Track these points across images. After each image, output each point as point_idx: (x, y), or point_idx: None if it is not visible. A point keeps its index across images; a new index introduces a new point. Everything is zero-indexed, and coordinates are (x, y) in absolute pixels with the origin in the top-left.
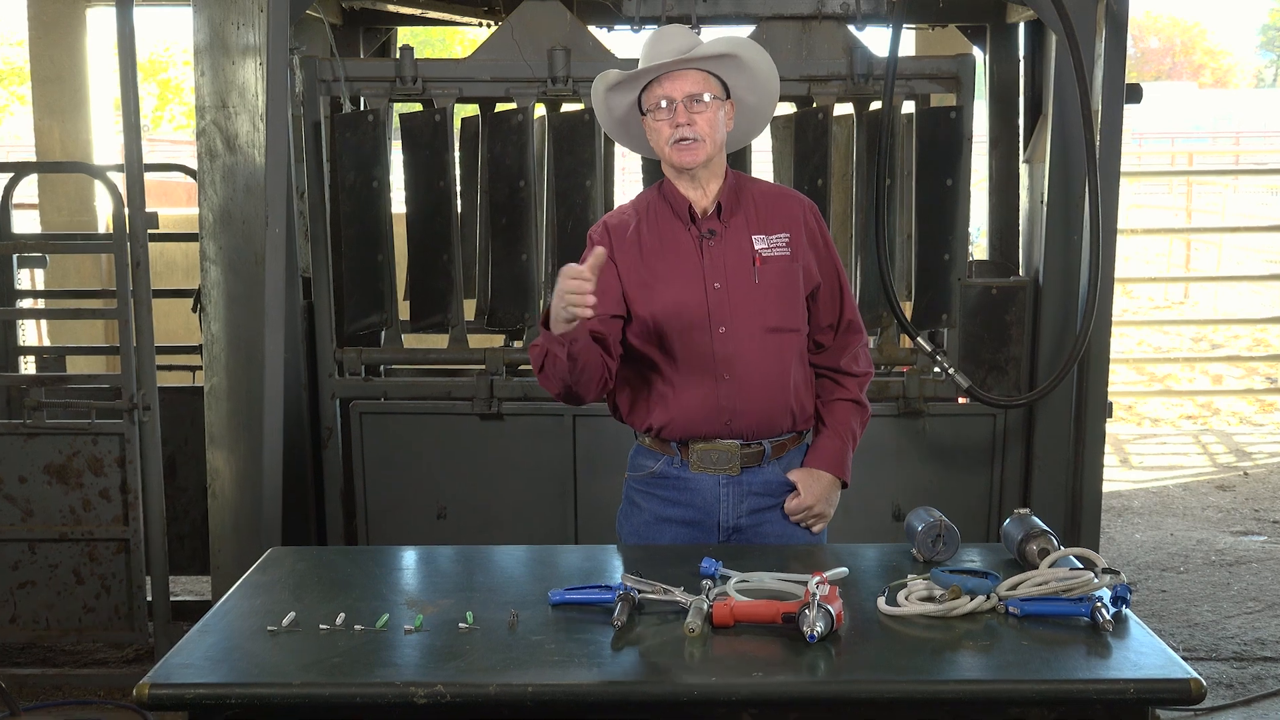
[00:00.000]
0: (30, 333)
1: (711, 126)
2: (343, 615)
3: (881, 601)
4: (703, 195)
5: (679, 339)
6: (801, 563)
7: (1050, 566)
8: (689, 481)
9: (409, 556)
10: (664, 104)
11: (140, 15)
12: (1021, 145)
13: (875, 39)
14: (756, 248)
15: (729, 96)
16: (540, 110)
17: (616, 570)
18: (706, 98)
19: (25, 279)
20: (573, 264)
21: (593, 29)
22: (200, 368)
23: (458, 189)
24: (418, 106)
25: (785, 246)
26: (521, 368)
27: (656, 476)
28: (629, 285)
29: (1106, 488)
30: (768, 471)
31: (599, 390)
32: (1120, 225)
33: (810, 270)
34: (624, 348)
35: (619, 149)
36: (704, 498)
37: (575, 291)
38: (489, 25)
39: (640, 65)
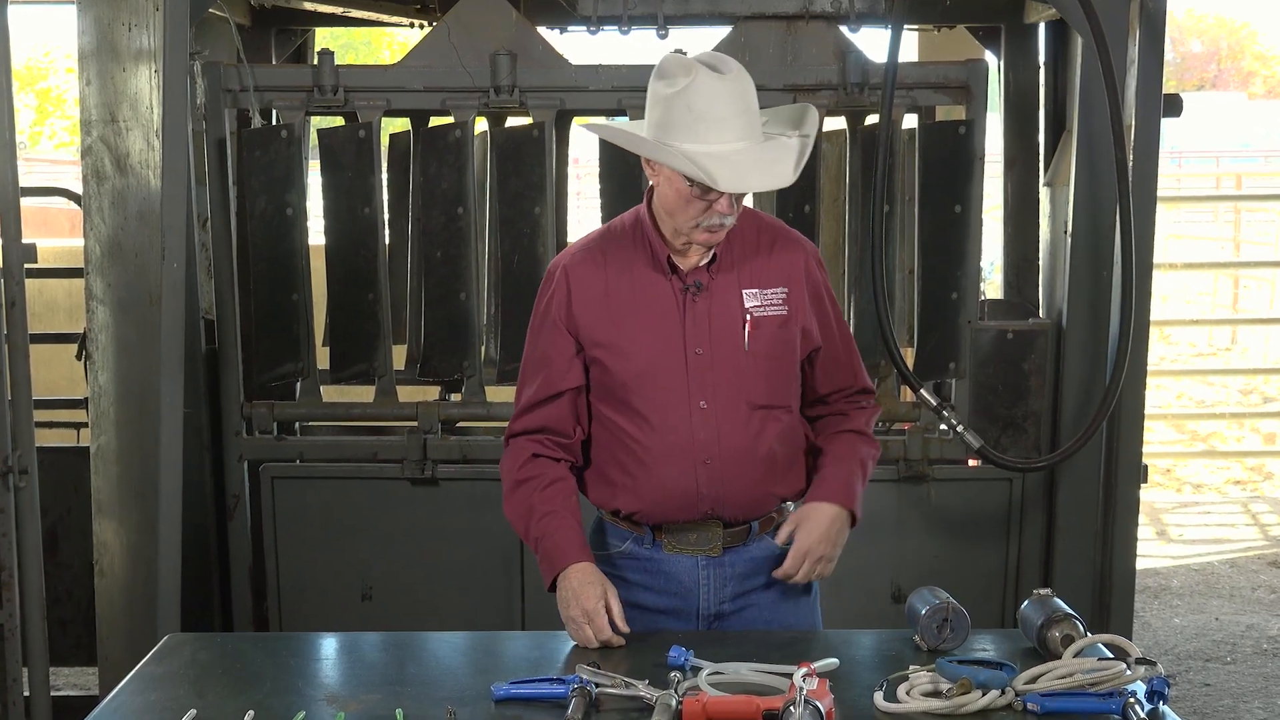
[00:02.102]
0: None
1: (741, 203)
2: (251, 713)
3: (879, 697)
4: (694, 257)
5: (652, 413)
6: (785, 651)
7: (1075, 656)
8: (662, 564)
9: (329, 644)
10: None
11: (15, 14)
12: (1042, 166)
13: (872, 42)
14: (747, 305)
15: None
16: (481, 125)
17: (568, 660)
18: None
19: None
20: (599, 613)
21: (542, 30)
22: (85, 425)
23: (385, 217)
24: (339, 120)
25: (782, 304)
26: (460, 425)
27: (625, 557)
28: (594, 338)
29: (1141, 564)
30: (754, 548)
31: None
32: (1157, 259)
33: (810, 333)
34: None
35: (574, 169)
36: (681, 582)
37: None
38: (422, 26)
39: (667, 126)
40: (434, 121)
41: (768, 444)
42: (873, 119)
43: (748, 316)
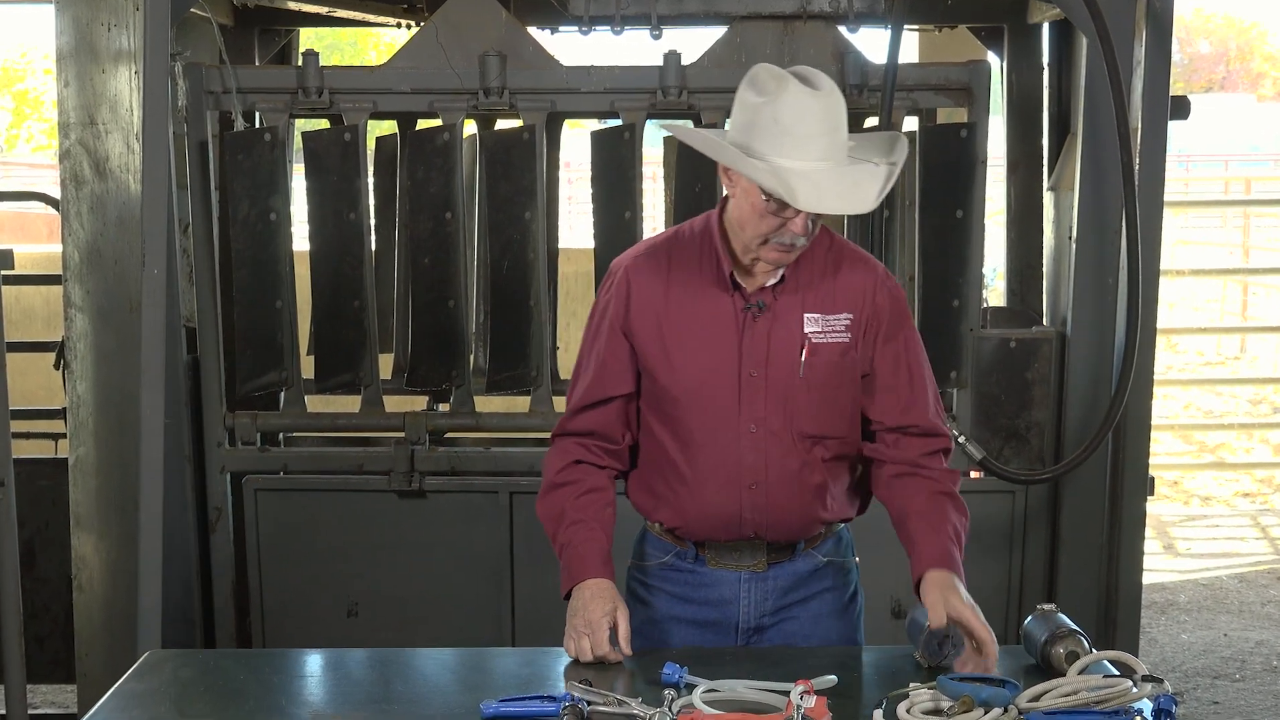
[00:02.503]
0: None
1: (816, 226)
2: None
3: (879, 715)
4: (760, 276)
5: (699, 431)
6: (782, 668)
7: (1080, 673)
8: (704, 577)
9: (314, 661)
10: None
11: None
12: (1046, 170)
13: (870, 42)
14: (808, 330)
15: None
16: (470, 127)
17: (560, 677)
18: None
19: None
20: (601, 628)
21: (533, 31)
22: (64, 435)
23: (371, 222)
24: (324, 123)
25: (844, 331)
26: (448, 436)
27: (666, 568)
28: (648, 348)
29: (1148, 579)
30: (799, 562)
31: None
32: (1164, 265)
33: (868, 360)
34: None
35: (565, 174)
36: (721, 594)
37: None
38: (409, 26)
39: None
40: (421, 124)
41: (817, 473)
42: (872, 122)
43: (807, 342)
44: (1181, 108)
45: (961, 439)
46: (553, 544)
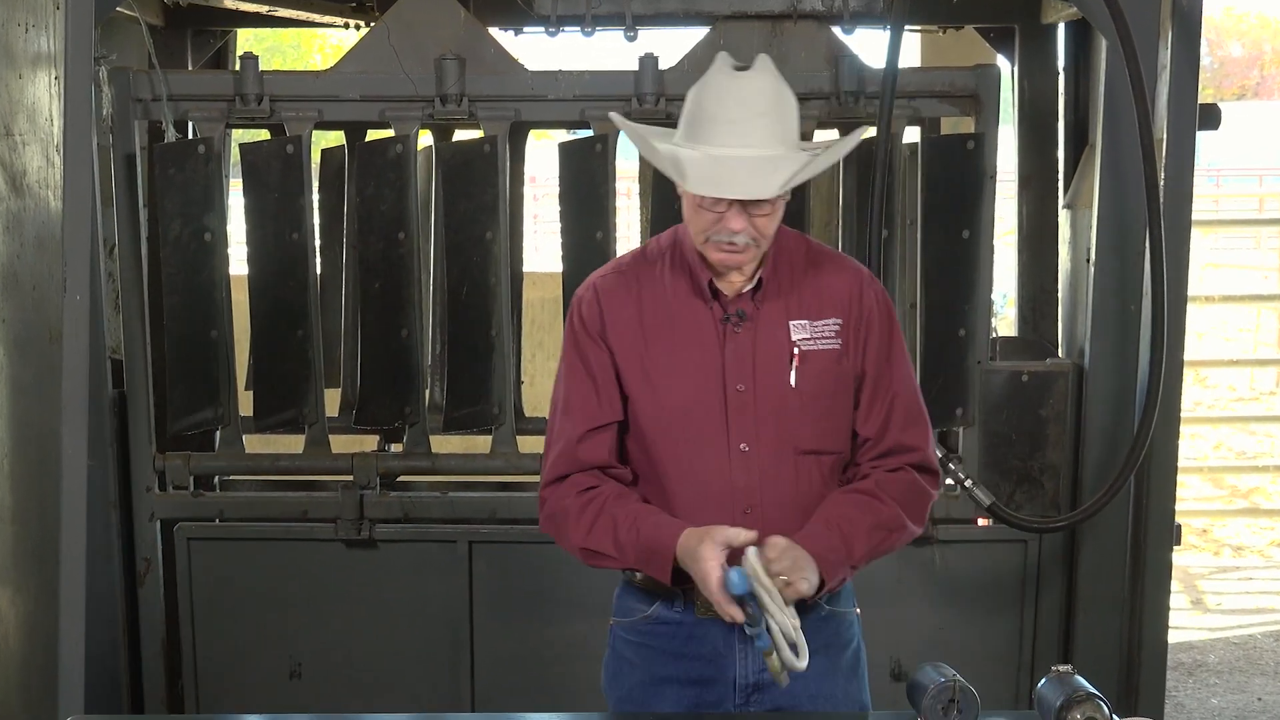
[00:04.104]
0: None
1: (771, 225)
2: None
3: None
4: (735, 279)
5: (686, 455)
6: None
7: None
8: (693, 629)
9: None
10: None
11: None
12: (1061, 185)
13: (868, 45)
14: (795, 338)
15: None
16: (426, 138)
17: None
18: (777, 201)
19: None
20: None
21: (495, 32)
22: None
23: (316, 243)
24: (264, 134)
25: (834, 337)
26: (401, 479)
27: (652, 622)
28: (625, 368)
29: (1174, 637)
30: (801, 609)
31: None
32: (1192, 291)
33: (861, 369)
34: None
35: (530, 190)
36: (714, 648)
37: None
38: (358, 27)
39: (685, 129)
40: (371, 135)
41: (816, 493)
42: (870, 132)
43: (795, 350)
44: (1211, 117)
45: (968, 483)
46: (622, 561)
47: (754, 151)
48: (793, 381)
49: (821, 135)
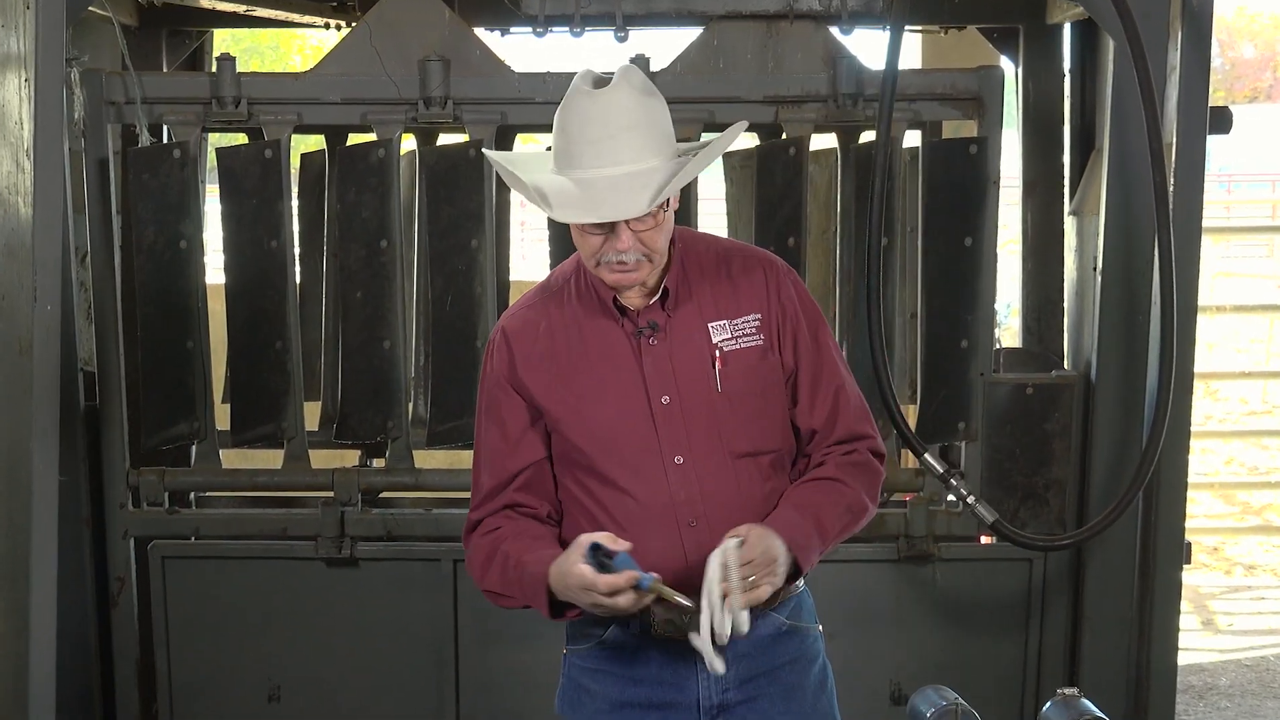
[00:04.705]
0: None
1: (661, 237)
2: None
3: None
4: (639, 293)
5: (621, 476)
6: None
7: None
8: (652, 649)
9: None
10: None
11: None
12: (1067, 191)
13: (867, 45)
14: (715, 340)
15: None
16: (409, 143)
17: None
18: (669, 203)
19: None
20: (602, 578)
21: (481, 32)
22: None
23: (296, 251)
24: (242, 138)
25: (755, 333)
26: (383, 495)
27: (608, 646)
28: (545, 403)
29: (1184, 659)
30: (759, 625)
31: None
32: (1202, 300)
33: (788, 362)
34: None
35: (516, 196)
36: (675, 670)
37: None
38: (339, 27)
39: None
40: (353, 139)
41: (759, 494)
42: (869, 136)
43: (716, 353)
44: (1222, 120)
45: (971, 500)
46: (517, 600)
47: (622, 169)
48: (719, 385)
49: (819, 141)
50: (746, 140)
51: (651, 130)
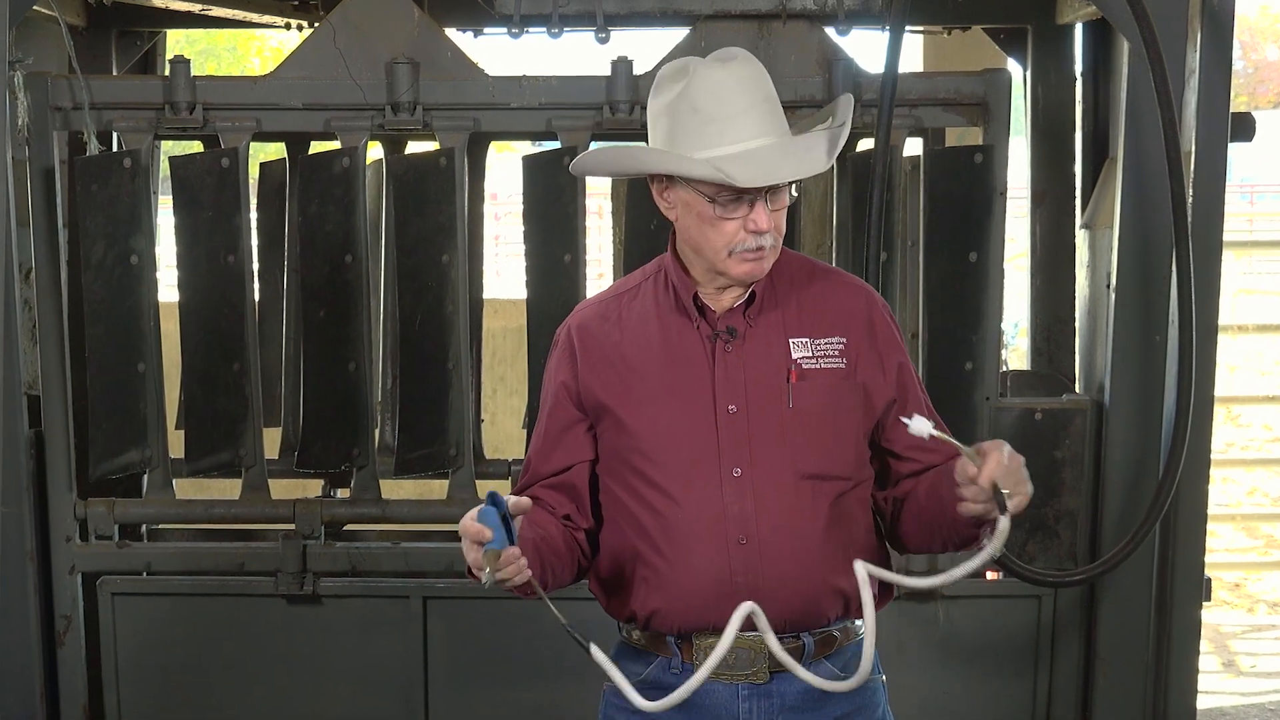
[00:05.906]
0: None
1: (784, 223)
2: None
3: None
4: (726, 296)
5: (673, 483)
6: None
7: None
8: (696, 694)
9: None
10: (739, 196)
11: None
12: (1079, 203)
13: (865, 47)
14: (795, 356)
15: None
16: (376, 151)
17: None
18: (793, 189)
19: None
20: (469, 522)
21: (452, 33)
22: None
23: (255, 266)
24: (197, 146)
25: (838, 356)
26: (348, 528)
27: (649, 685)
28: (606, 401)
29: (1203, 702)
30: (817, 671)
31: (574, 573)
32: (1223, 319)
33: (875, 391)
34: (596, 492)
35: (490, 208)
36: (717, 713)
37: (486, 565)
38: (300, 28)
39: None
40: (315, 147)
41: (820, 521)
42: (867, 144)
43: (794, 368)
44: (1245, 127)
45: None
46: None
47: (772, 139)
48: (790, 402)
49: None
50: None
51: (775, 99)
